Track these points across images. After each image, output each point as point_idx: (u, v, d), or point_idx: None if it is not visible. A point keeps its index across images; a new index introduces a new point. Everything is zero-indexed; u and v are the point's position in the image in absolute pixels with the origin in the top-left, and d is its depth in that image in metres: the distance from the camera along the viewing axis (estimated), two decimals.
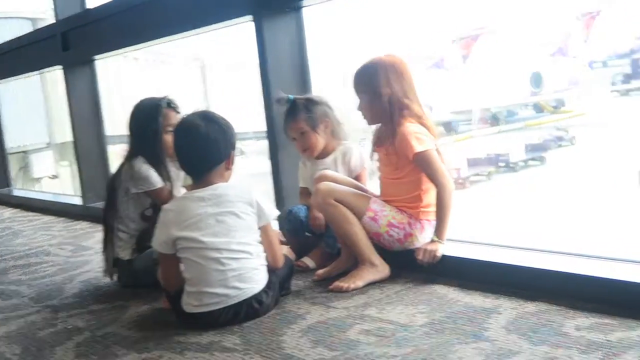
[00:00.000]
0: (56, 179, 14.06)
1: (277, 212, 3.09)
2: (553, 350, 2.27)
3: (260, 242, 3.00)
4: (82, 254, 4.61)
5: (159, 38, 5.01)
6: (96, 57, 5.79)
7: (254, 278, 2.93)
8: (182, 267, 2.99)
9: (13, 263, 4.63)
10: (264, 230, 3.02)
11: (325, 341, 2.60)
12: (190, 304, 2.92)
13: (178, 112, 3.71)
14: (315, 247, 3.64)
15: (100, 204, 5.52)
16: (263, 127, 4.09)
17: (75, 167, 13.30)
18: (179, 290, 2.99)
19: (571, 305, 2.59)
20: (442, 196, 3.11)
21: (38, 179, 13.54)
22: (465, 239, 3.28)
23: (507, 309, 2.67)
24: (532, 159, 16.13)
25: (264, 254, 3.01)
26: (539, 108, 19.66)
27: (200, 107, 3.20)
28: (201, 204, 2.93)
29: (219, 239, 2.89)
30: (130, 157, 3.68)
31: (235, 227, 2.92)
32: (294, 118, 3.60)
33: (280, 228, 3.73)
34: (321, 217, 3.51)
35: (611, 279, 2.56)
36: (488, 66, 19.17)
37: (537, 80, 19.31)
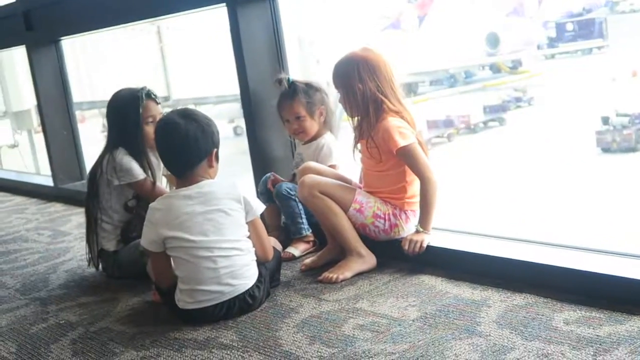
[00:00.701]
0: (15, 147, 13.89)
1: (263, 207, 3.13)
2: (545, 346, 2.36)
3: (249, 237, 3.05)
4: (61, 240, 4.62)
5: (128, 22, 4.97)
6: (63, 38, 5.73)
7: (245, 274, 2.99)
8: (172, 264, 3.04)
9: None
10: (252, 225, 3.07)
11: (321, 337, 2.68)
12: (184, 301, 2.97)
13: (157, 102, 3.73)
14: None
15: (71, 185, 5.55)
16: (221, 91, 4.13)
17: (34, 137, 13.09)
18: (171, 286, 3.04)
19: (558, 297, 2.68)
20: (427, 189, 3.18)
21: None
22: (450, 228, 3.36)
23: (496, 301, 2.76)
24: (492, 120, 16.28)
25: (254, 249, 3.06)
26: (496, 69, 19.78)
27: (182, 105, 3.24)
28: (188, 203, 2.96)
29: (208, 237, 2.93)
30: (110, 147, 3.69)
31: (225, 225, 2.96)
32: (292, 100, 3.64)
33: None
34: (275, 179, 3.69)
35: (596, 273, 2.66)
36: (444, 27, 19.17)
37: (493, 41, 19.38)
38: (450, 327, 2.61)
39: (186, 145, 2.97)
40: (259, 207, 3.08)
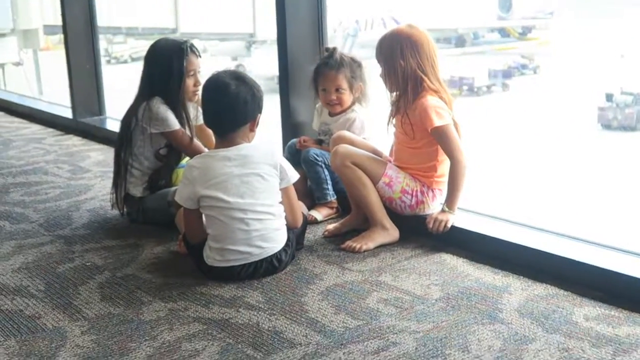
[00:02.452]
0: (20, 66, 13.87)
1: (298, 176, 3.21)
2: (566, 340, 2.47)
3: (281, 203, 3.13)
4: (81, 177, 4.68)
5: None
6: None
7: (275, 238, 3.07)
8: (204, 221, 3.11)
9: (12, 180, 4.68)
10: (285, 192, 3.14)
11: (346, 308, 2.77)
12: (212, 258, 3.06)
13: (199, 56, 3.77)
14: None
15: (90, 120, 5.60)
16: (228, 29, 4.10)
17: (39, 56, 13.00)
18: (200, 242, 3.12)
19: (578, 292, 2.78)
20: (456, 170, 3.26)
21: (1, 65, 13.36)
22: (475, 210, 3.44)
23: (517, 289, 2.86)
24: (495, 85, 16.29)
25: (284, 214, 3.14)
26: (505, 33, 19.72)
27: (231, 66, 3.27)
28: (227, 164, 3.03)
29: (244, 200, 3.01)
30: (146, 96, 3.71)
31: (260, 189, 3.04)
32: (337, 72, 3.69)
33: None
34: (306, 140, 3.81)
35: (618, 272, 2.75)
36: None
37: (506, 4, 19.27)
38: (472, 311, 2.70)
39: (235, 106, 3.03)
40: (294, 175, 3.16)
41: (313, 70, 3.77)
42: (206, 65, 3.85)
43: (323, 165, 3.65)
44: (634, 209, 8.40)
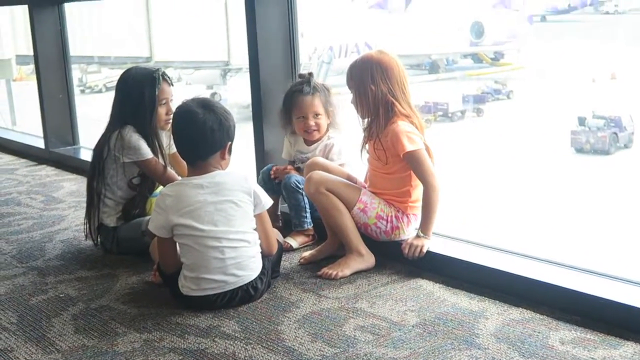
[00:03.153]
0: None
1: (271, 202, 3.20)
2: None
3: (255, 229, 3.12)
4: (55, 207, 4.64)
5: None
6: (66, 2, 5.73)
7: (250, 266, 3.06)
8: (178, 249, 3.09)
9: None
10: (259, 218, 3.13)
11: (323, 336, 2.75)
12: (188, 287, 3.03)
13: (171, 85, 3.76)
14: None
15: (63, 150, 5.57)
16: (202, 57, 4.09)
17: (12, 86, 12.96)
18: (175, 271, 3.09)
19: (553, 315, 2.79)
20: (430, 195, 3.27)
21: None
22: (450, 235, 3.44)
23: (493, 314, 2.86)
24: (469, 110, 16.40)
25: (259, 241, 3.13)
26: (477, 59, 19.88)
27: (201, 94, 3.26)
28: (200, 192, 3.01)
29: (218, 227, 2.99)
30: (118, 125, 3.70)
31: (234, 216, 3.03)
32: (314, 97, 3.68)
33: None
34: (280, 170, 3.76)
35: (592, 295, 2.76)
36: (430, 12, 19.20)
37: (478, 31, 19.45)
38: (449, 337, 2.70)
39: (202, 135, 3.01)
40: (268, 201, 3.15)
41: (284, 99, 3.76)
42: (181, 94, 3.83)
43: (304, 193, 3.62)
44: (608, 232, 8.46)
